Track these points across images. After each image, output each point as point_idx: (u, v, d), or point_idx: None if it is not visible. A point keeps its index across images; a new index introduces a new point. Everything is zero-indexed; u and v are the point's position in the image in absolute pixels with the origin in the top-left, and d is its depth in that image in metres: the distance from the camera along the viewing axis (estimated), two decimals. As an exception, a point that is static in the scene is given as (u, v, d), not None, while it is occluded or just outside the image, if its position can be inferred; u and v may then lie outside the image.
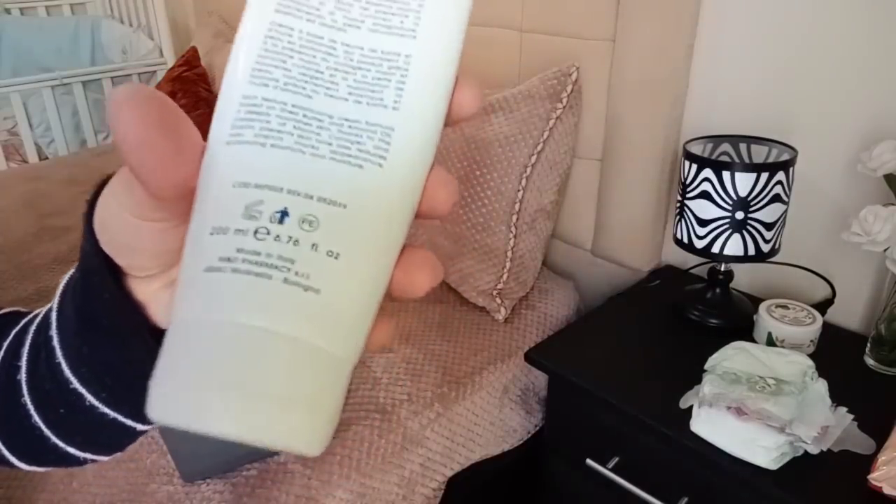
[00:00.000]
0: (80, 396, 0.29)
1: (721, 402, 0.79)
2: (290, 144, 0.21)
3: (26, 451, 0.34)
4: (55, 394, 0.30)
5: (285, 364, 0.20)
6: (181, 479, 0.88)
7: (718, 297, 1.05)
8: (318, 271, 0.20)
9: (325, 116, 0.21)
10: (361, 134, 0.21)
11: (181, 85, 1.81)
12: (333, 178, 0.21)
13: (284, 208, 0.20)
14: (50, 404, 0.31)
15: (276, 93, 0.21)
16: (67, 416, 0.30)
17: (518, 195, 1.18)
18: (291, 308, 0.20)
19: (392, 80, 0.22)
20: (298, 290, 0.20)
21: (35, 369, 0.31)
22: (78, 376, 0.29)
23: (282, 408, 0.19)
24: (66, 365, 0.29)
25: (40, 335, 0.31)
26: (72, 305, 0.28)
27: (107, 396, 0.29)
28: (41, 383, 0.30)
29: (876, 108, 0.94)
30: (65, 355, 0.29)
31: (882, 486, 0.72)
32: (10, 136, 2.48)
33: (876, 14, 0.90)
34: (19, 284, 1.39)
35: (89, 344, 0.28)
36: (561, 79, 1.15)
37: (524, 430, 1.16)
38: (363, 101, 0.22)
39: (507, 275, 1.20)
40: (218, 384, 0.19)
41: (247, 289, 0.20)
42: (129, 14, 2.75)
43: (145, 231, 0.23)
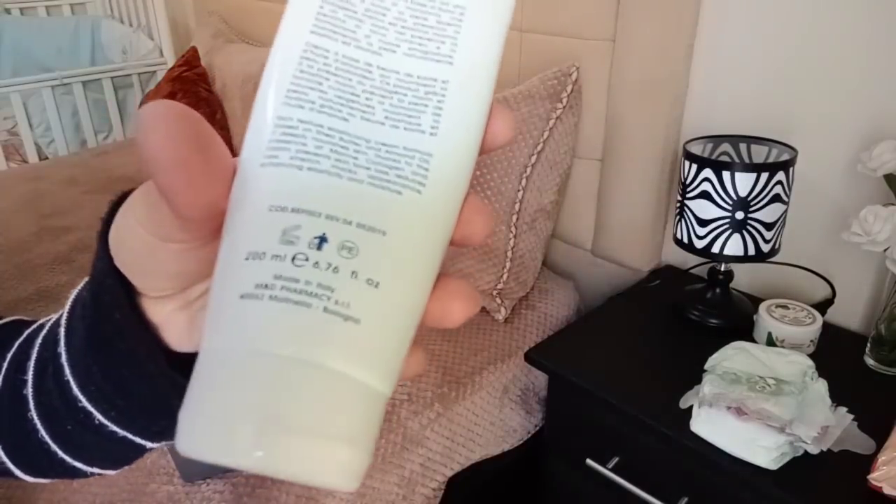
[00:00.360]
0: (89, 415, 0.28)
1: (721, 402, 0.79)
2: (328, 168, 0.20)
3: (32, 465, 0.34)
4: (63, 410, 0.29)
5: (324, 397, 0.19)
6: (181, 479, 0.88)
7: (718, 297, 1.05)
8: (358, 300, 0.19)
9: (362, 140, 0.21)
10: (399, 159, 0.21)
11: (181, 85, 1.80)
12: (372, 203, 0.20)
13: (323, 234, 0.20)
14: (58, 420, 0.30)
15: (312, 115, 0.21)
16: (75, 432, 0.30)
17: (518, 195, 1.18)
18: (331, 338, 0.19)
19: (429, 105, 0.22)
20: (339, 319, 0.19)
21: (42, 384, 0.30)
22: (86, 395, 0.28)
23: (320, 443, 0.19)
24: (74, 383, 0.28)
25: (47, 350, 0.30)
26: (81, 324, 0.27)
27: (116, 415, 0.28)
28: (48, 399, 0.30)
29: (876, 108, 0.94)
30: (73, 373, 0.28)
31: (882, 486, 0.72)
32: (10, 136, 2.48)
33: (876, 14, 0.90)
34: (19, 284, 1.39)
35: (99, 363, 0.27)
36: (561, 79, 1.15)
37: (524, 430, 1.16)
38: (400, 126, 0.21)
39: (507, 275, 1.20)
40: (254, 418, 0.18)
41: (285, 317, 0.19)
42: (129, 14, 2.75)
43: (165, 251, 0.22)
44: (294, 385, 0.19)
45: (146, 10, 2.62)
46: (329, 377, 0.19)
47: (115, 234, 0.24)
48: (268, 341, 0.19)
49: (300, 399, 0.19)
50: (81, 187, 1.89)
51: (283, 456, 0.18)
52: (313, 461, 0.19)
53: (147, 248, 0.23)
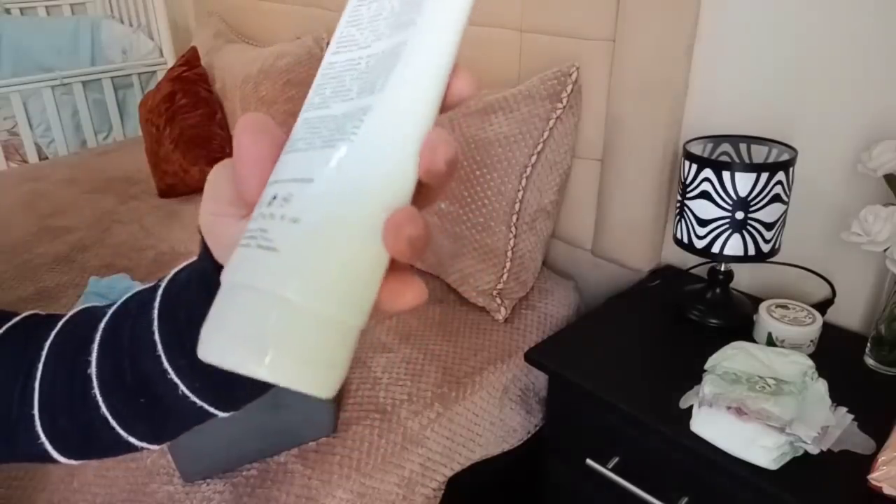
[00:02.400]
0: (174, 387, 0.32)
1: (721, 402, 0.79)
2: (301, 147, 0.26)
3: (78, 445, 0.37)
4: (140, 385, 0.33)
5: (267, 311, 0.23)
6: (181, 479, 0.88)
7: (718, 297, 1.05)
8: (279, 234, 0.24)
9: (331, 118, 0.25)
10: (346, 121, 0.25)
11: (181, 85, 1.80)
12: (313, 160, 0.25)
13: (275, 194, 0.25)
14: (127, 395, 0.34)
15: (310, 112, 0.26)
16: (146, 405, 0.34)
17: (518, 195, 1.18)
18: (262, 267, 0.24)
19: (388, 67, 0.25)
20: (264, 252, 0.24)
21: (115, 363, 0.34)
22: (176, 369, 0.32)
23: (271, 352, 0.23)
24: (165, 358, 0.32)
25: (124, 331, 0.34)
26: (186, 305, 0.32)
27: (200, 386, 0.32)
28: (121, 376, 0.34)
29: (876, 108, 0.94)
30: (167, 349, 0.32)
31: (882, 486, 0.72)
32: (10, 136, 2.48)
33: (876, 14, 0.90)
34: (19, 284, 1.39)
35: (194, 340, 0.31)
36: (561, 79, 1.15)
37: (524, 430, 1.16)
38: (364, 95, 0.25)
39: (507, 275, 1.20)
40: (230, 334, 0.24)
41: (243, 257, 0.25)
42: (129, 14, 2.75)
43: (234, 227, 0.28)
44: (248, 305, 0.24)
45: (146, 10, 2.62)
46: (266, 298, 0.24)
47: (202, 227, 0.30)
48: (235, 275, 0.25)
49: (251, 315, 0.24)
50: (81, 187, 1.89)
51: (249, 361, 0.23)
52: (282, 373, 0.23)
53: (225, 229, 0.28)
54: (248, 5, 1.99)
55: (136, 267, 1.44)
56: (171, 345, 0.32)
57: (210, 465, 0.88)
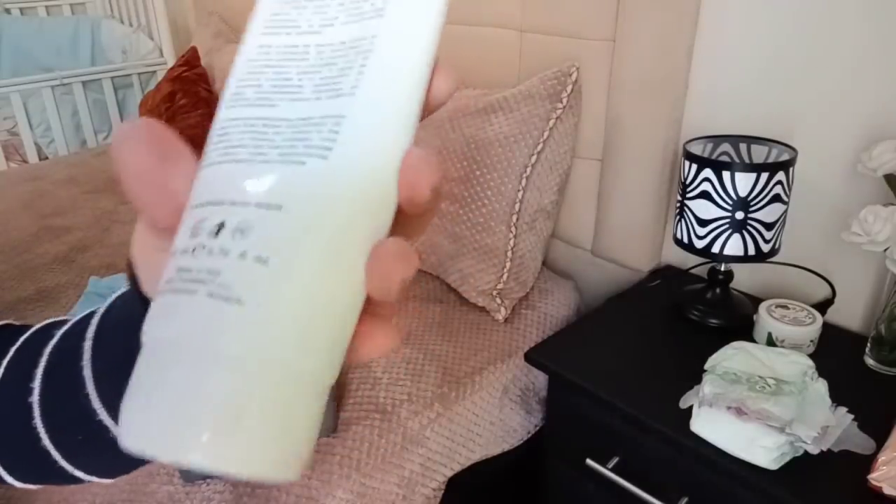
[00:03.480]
0: (106, 429, 0.29)
1: (721, 402, 0.79)
2: (244, 157, 0.20)
3: (28, 472, 0.34)
4: (78, 421, 0.29)
5: (220, 381, 0.18)
6: (181, 479, 0.88)
7: (718, 297, 1.05)
8: (241, 280, 0.18)
9: (283, 121, 0.20)
10: (311, 129, 0.20)
11: (181, 85, 1.80)
12: (273, 180, 0.19)
13: (222, 221, 0.19)
14: (67, 430, 0.30)
15: (243, 111, 0.21)
16: (86, 442, 0.30)
17: (518, 195, 1.18)
18: (218, 323, 0.18)
19: (355, 65, 0.20)
20: (220, 302, 0.18)
21: (54, 394, 0.30)
22: (109, 408, 0.29)
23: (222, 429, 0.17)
24: (97, 395, 0.28)
25: (62, 362, 0.30)
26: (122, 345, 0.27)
27: None
28: (60, 409, 0.30)
29: (876, 108, 0.94)
30: (97, 387, 0.28)
31: (882, 486, 0.72)
32: (10, 136, 2.48)
33: (876, 14, 0.90)
34: (19, 284, 1.39)
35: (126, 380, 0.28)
36: (561, 79, 1.15)
37: (524, 430, 1.16)
38: (323, 96, 0.20)
39: (507, 275, 1.20)
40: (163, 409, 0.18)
41: (177, 307, 0.19)
42: (129, 14, 2.75)
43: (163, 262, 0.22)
44: (192, 372, 0.18)
45: (146, 10, 2.62)
46: (223, 362, 0.18)
47: (133, 256, 0.25)
48: (167, 331, 0.19)
49: (198, 386, 0.18)
50: (81, 187, 1.89)
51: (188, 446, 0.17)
52: (224, 448, 0.17)
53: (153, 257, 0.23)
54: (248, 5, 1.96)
55: (136, 267, 1.43)
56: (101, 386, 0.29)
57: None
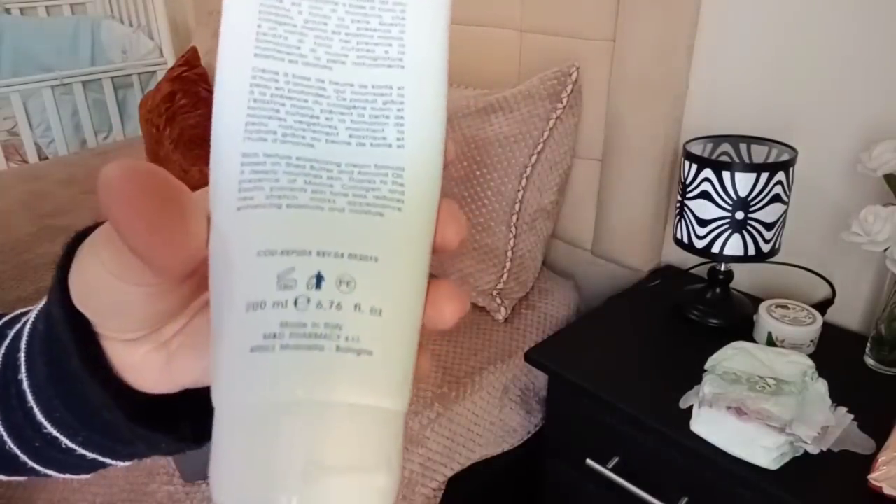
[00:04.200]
0: (55, 439, 0.28)
1: (721, 402, 0.79)
2: (306, 202, 0.20)
3: (6, 470, 0.33)
4: (29, 430, 0.28)
5: (352, 432, 0.19)
6: (181, 479, 0.88)
7: (718, 297, 1.05)
8: (366, 332, 0.19)
9: (333, 165, 0.20)
10: (374, 179, 0.21)
11: (181, 85, 1.80)
12: (358, 231, 0.20)
13: (318, 272, 0.19)
14: (25, 437, 0.29)
15: (277, 146, 0.20)
16: (43, 449, 0.29)
17: (518, 195, 1.18)
18: (350, 375, 0.19)
19: (390, 116, 0.21)
20: (352, 355, 0.19)
21: (6, 403, 0.29)
22: (51, 422, 0.27)
23: (356, 477, 0.19)
24: (38, 410, 0.27)
25: (8, 371, 0.29)
26: (41, 359, 0.26)
27: (83, 441, 0.28)
28: (14, 417, 0.29)
29: (876, 108, 0.94)
30: (36, 402, 0.27)
31: (882, 486, 0.72)
32: (10, 136, 2.48)
33: (876, 14, 0.90)
34: (19, 284, 1.39)
35: (61, 398, 0.26)
36: (561, 79, 1.15)
37: (524, 430, 1.16)
38: (367, 143, 0.21)
39: (507, 275, 1.20)
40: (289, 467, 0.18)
41: (301, 363, 0.19)
42: (129, 14, 2.75)
43: (137, 295, 0.22)
44: (323, 428, 0.19)
45: (146, 10, 2.62)
46: (354, 412, 0.19)
47: (79, 279, 0.23)
48: (289, 390, 0.19)
49: (331, 440, 0.19)
50: (81, 187, 1.89)
51: (323, 497, 0.18)
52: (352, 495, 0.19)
53: (117, 292, 0.22)
54: None
55: (136, 267, 1.44)
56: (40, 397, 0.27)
57: (210, 465, 0.88)
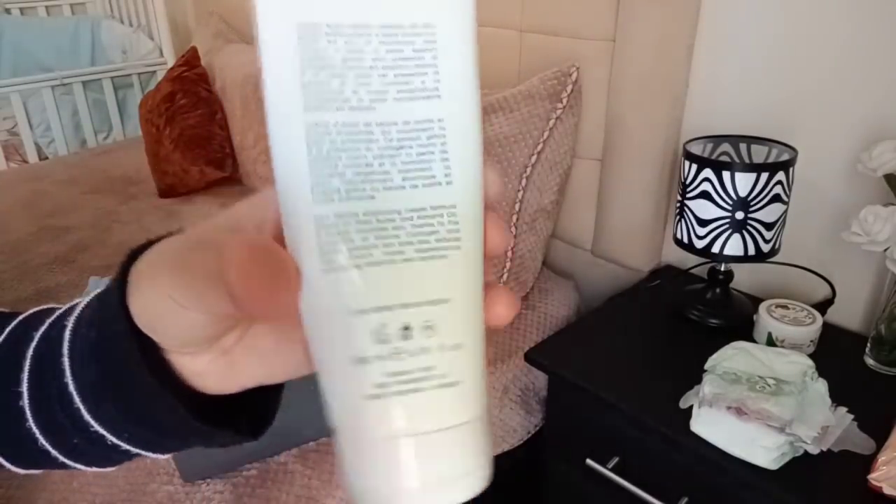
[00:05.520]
0: (101, 436, 0.29)
1: (721, 402, 0.79)
2: (381, 258, 0.21)
3: (27, 462, 0.34)
4: (70, 428, 0.30)
5: (462, 447, 0.23)
6: (181, 479, 0.88)
7: (718, 297, 1.05)
8: (454, 367, 0.23)
9: (395, 214, 0.22)
10: (432, 222, 0.22)
11: (181, 85, 1.80)
12: (430, 277, 0.22)
13: (406, 324, 0.22)
14: (62, 434, 0.30)
15: (344, 205, 0.21)
16: (82, 445, 0.30)
17: (518, 195, 1.18)
18: (450, 404, 0.23)
19: (435, 151, 0.22)
20: (448, 388, 0.22)
21: (43, 402, 0.30)
22: (99, 422, 0.29)
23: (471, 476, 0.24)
24: (85, 410, 0.29)
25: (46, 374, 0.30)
26: (96, 366, 0.28)
27: (129, 437, 0.29)
28: (52, 415, 0.30)
29: (876, 108, 0.94)
30: (84, 403, 0.29)
31: (882, 486, 0.72)
32: (10, 136, 2.48)
33: (876, 14, 0.90)
34: (19, 284, 1.39)
35: (122, 402, 0.28)
36: (561, 79, 1.15)
37: (524, 430, 1.16)
38: (419, 184, 0.22)
39: (507, 275, 1.20)
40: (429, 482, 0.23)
41: (409, 405, 0.22)
42: (129, 14, 2.76)
43: (201, 320, 0.24)
44: (440, 451, 0.23)
45: (146, 10, 2.62)
46: (458, 432, 0.23)
47: (141, 306, 0.25)
48: (409, 426, 0.22)
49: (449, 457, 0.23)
50: (81, 187, 1.89)
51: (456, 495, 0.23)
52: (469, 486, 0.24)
53: (182, 318, 0.24)
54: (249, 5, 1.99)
55: (136, 267, 1.44)
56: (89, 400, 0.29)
57: (210, 465, 0.88)
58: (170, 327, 0.25)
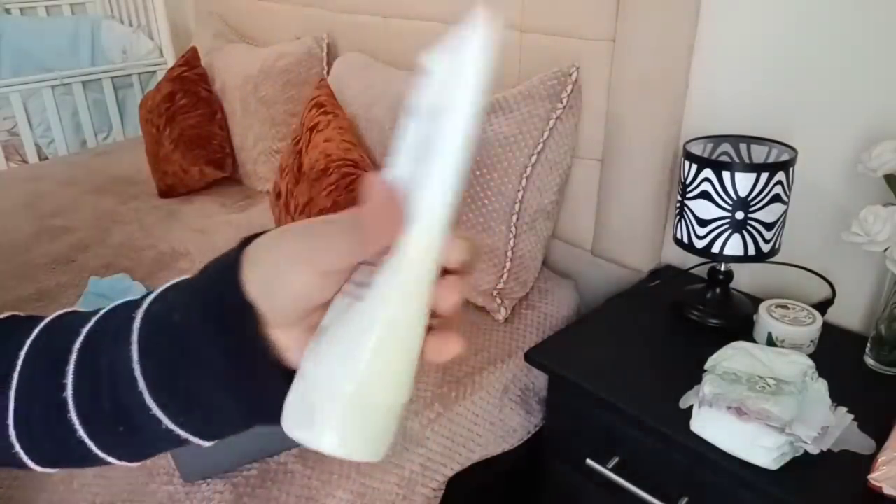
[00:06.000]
0: (158, 421, 0.31)
1: (721, 402, 0.79)
2: None
3: (55, 458, 0.36)
4: (120, 415, 0.32)
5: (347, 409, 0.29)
6: (181, 479, 0.88)
7: (718, 297, 1.05)
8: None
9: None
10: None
11: (181, 85, 1.80)
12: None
13: None
14: (106, 423, 0.32)
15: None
16: (126, 433, 0.33)
17: (518, 195, 1.18)
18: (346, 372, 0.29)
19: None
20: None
21: (92, 391, 0.32)
22: (162, 407, 0.31)
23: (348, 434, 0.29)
24: (149, 396, 0.31)
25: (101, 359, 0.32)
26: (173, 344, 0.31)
27: (184, 421, 0.32)
28: (99, 404, 0.32)
29: (876, 108, 0.94)
30: (151, 388, 0.31)
31: (882, 486, 0.72)
32: (10, 136, 2.48)
33: (876, 14, 0.90)
34: (19, 285, 1.39)
35: (191, 384, 0.30)
36: (561, 79, 1.15)
37: (524, 430, 1.16)
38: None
39: (507, 275, 1.20)
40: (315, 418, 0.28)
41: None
42: (129, 14, 2.76)
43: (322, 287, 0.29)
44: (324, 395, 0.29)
45: (146, 11, 2.62)
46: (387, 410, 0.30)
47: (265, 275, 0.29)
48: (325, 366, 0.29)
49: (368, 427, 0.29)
50: (81, 187, 1.89)
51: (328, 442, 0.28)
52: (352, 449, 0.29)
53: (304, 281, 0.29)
54: (248, 5, 1.99)
55: (136, 267, 1.44)
56: (156, 384, 0.31)
57: (210, 465, 0.88)
58: (286, 286, 0.29)
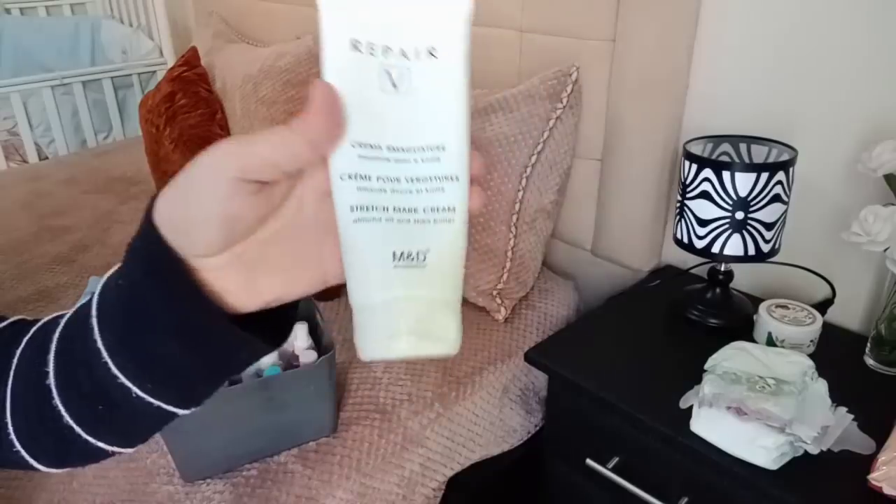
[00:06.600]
0: (128, 390, 0.31)
1: (721, 402, 0.79)
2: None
3: (53, 452, 0.36)
4: (96, 393, 0.32)
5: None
6: (181, 479, 0.88)
7: (718, 297, 1.05)
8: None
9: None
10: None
11: (181, 85, 1.80)
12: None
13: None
14: (86, 403, 0.33)
15: None
16: (106, 411, 0.33)
17: (518, 195, 1.18)
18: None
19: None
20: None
21: (69, 373, 0.33)
22: (126, 373, 0.31)
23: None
24: (113, 363, 0.31)
25: (72, 341, 0.33)
26: (123, 308, 0.31)
27: (153, 387, 0.31)
28: (76, 385, 0.33)
29: (876, 108, 0.94)
30: (112, 355, 0.31)
31: (882, 486, 0.72)
32: (10, 136, 2.48)
33: (876, 14, 0.90)
34: (19, 284, 1.39)
35: (145, 341, 0.30)
36: (561, 79, 1.15)
37: (524, 430, 1.16)
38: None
39: (507, 275, 1.20)
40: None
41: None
42: (129, 14, 2.75)
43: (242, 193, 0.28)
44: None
45: (146, 10, 2.62)
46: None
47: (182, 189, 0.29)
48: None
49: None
50: (81, 187, 1.89)
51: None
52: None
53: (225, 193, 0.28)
54: (248, 5, 1.99)
55: (136, 267, 1.44)
56: (113, 348, 0.31)
57: (210, 465, 0.88)
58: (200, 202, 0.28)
